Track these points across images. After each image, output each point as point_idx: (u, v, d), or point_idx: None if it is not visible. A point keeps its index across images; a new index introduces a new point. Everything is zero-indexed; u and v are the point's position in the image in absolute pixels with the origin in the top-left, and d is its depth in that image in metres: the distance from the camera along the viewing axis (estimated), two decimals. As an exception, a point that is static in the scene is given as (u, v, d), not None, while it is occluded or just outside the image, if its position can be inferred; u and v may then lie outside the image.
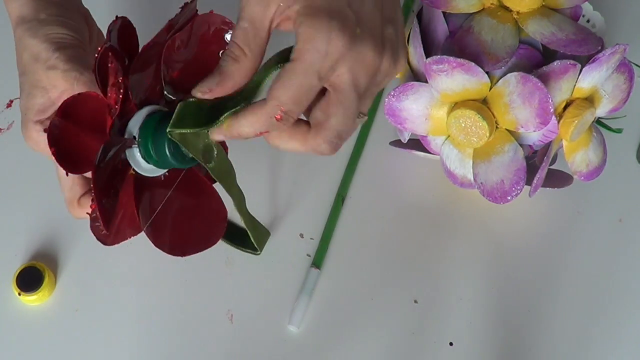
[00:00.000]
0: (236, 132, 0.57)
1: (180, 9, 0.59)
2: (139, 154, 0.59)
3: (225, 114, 0.56)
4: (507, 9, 0.69)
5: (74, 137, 0.58)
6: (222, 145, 0.65)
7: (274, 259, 0.75)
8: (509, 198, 0.69)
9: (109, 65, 0.56)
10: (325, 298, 0.74)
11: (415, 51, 0.71)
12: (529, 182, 0.70)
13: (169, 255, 0.75)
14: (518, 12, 0.69)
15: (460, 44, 0.68)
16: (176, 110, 0.56)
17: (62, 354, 0.72)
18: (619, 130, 0.78)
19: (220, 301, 0.74)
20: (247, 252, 0.72)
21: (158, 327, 0.73)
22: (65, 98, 0.59)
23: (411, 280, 0.75)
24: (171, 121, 0.56)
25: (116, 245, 0.75)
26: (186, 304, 0.74)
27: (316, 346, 0.73)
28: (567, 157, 0.71)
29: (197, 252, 0.63)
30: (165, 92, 0.60)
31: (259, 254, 0.72)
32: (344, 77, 0.55)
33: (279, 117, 0.55)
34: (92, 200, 0.56)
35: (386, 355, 0.72)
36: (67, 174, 0.59)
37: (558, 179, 0.75)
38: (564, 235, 0.77)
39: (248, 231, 0.69)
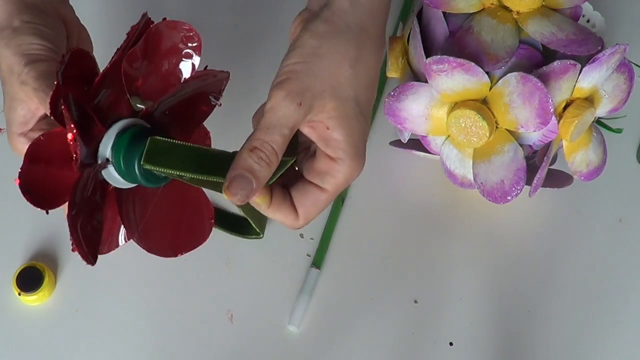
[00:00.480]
0: (260, 210, 0.60)
1: (135, 25, 0.60)
2: (115, 172, 0.59)
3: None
4: (507, 9, 0.69)
5: (46, 177, 0.58)
6: (204, 136, 0.66)
7: (274, 259, 0.75)
8: (509, 198, 0.69)
9: (63, 110, 0.55)
10: (325, 298, 0.74)
11: (415, 51, 0.71)
12: (529, 182, 0.70)
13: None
14: (518, 12, 0.69)
15: (460, 44, 0.68)
16: (147, 147, 0.56)
17: (62, 354, 0.72)
18: (619, 130, 0.78)
19: (220, 301, 0.74)
20: (250, 238, 0.73)
21: (158, 327, 0.73)
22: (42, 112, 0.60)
23: (411, 280, 0.75)
24: (143, 156, 0.56)
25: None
26: (186, 304, 0.74)
27: (316, 346, 0.73)
28: (567, 157, 0.71)
29: (189, 250, 0.63)
30: (133, 103, 0.60)
31: (262, 237, 0.74)
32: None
33: (303, 225, 0.61)
34: (72, 242, 0.57)
35: (386, 355, 0.72)
36: (46, 212, 0.59)
37: (558, 179, 0.75)
38: (564, 235, 0.77)
39: (247, 218, 0.69)
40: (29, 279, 0.72)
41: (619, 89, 0.71)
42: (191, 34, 0.62)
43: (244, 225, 0.73)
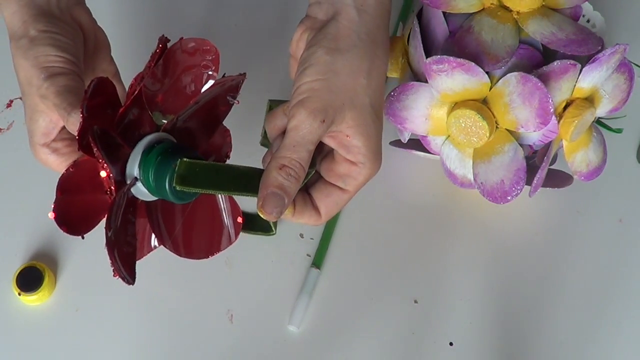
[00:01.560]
0: (286, 218, 0.62)
1: (154, 53, 0.60)
2: (144, 188, 0.60)
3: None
4: (507, 9, 0.69)
5: (78, 204, 0.60)
6: (224, 134, 0.67)
7: (274, 259, 0.75)
8: (509, 198, 0.69)
9: (91, 144, 0.56)
10: (325, 298, 0.74)
11: (415, 51, 0.71)
12: (529, 182, 0.70)
13: (169, 256, 0.75)
14: (518, 12, 0.69)
15: (460, 44, 0.68)
16: (177, 170, 0.58)
17: (62, 353, 0.72)
18: (619, 130, 0.78)
19: (220, 301, 0.74)
20: (262, 234, 0.75)
21: (158, 327, 0.73)
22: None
23: (411, 280, 0.75)
24: (175, 180, 0.58)
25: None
26: (186, 304, 0.74)
27: (316, 346, 0.73)
28: (567, 157, 0.71)
29: (221, 251, 0.65)
30: (155, 119, 0.61)
31: (274, 234, 0.75)
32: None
33: (314, 224, 0.63)
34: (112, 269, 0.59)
35: (386, 355, 0.72)
36: (82, 238, 0.61)
37: (558, 179, 0.75)
38: (564, 235, 0.77)
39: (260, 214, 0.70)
40: (29, 279, 0.72)
41: (619, 89, 0.71)
42: (207, 47, 0.63)
43: (258, 222, 0.74)
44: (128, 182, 0.59)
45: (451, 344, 0.73)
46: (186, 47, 0.62)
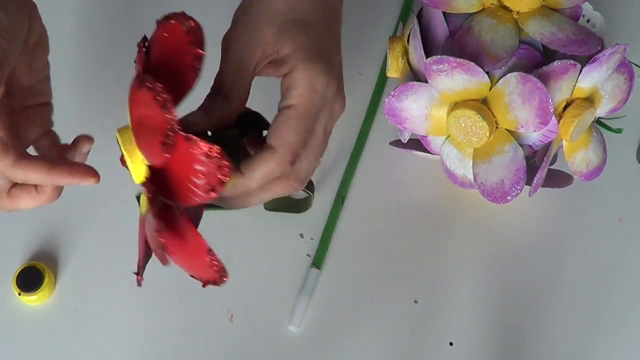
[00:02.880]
0: (241, 187, 0.57)
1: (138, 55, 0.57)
2: None
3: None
4: (507, 9, 0.69)
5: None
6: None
7: (274, 259, 0.75)
8: (509, 198, 0.69)
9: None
10: (325, 298, 0.74)
11: (415, 51, 0.71)
12: (529, 182, 0.70)
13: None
14: (518, 12, 0.69)
15: (460, 44, 0.68)
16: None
17: (62, 353, 0.72)
18: (619, 130, 0.78)
19: (220, 301, 0.74)
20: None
21: (158, 327, 0.73)
22: None
23: (411, 280, 0.75)
24: None
25: (116, 245, 0.75)
26: (186, 304, 0.74)
27: (316, 346, 0.73)
28: (567, 157, 0.71)
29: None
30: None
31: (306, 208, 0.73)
32: (332, 121, 0.59)
33: (291, 160, 0.56)
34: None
35: (386, 355, 0.72)
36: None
37: (558, 179, 0.75)
38: (564, 235, 0.77)
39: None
40: (29, 279, 0.72)
41: (619, 89, 0.71)
42: (189, 22, 0.56)
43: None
44: None
45: (451, 344, 0.73)
46: (168, 35, 0.57)
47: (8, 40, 0.54)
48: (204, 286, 0.57)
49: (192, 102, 0.56)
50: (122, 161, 0.57)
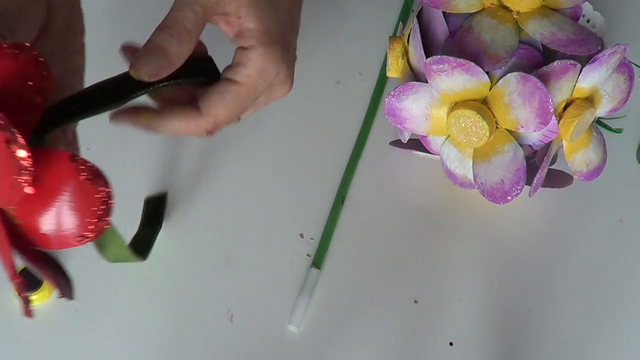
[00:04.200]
0: (155, 129, 0.56)
1: None
2: None
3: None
4: (507, 9, 0.69)
5: None
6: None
7: (274, 259, 0.75)
8: (509, 198, 0.69)
9: None
10: (325, 298, 0.74)
11: (415, 51, 0.71)
12: (529, 182, 0.70)
13: (169, 255, 0.75)
14: (518, 12, 0.69)
15: (460, 44, 0.68)
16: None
17: (62, 354, 0.72)
18: (619, 130, 0.78)
19: (220, 301, 0.74)
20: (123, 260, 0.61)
21: (158, 327, 0.73)
22: None
23: (411, 280, 0.75)
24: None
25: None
26: (186, 304, 0.74)
27: (316, 346, 0.73)
28: (567, 157, 0.71)
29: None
30: None
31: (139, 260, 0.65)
32: (266, 102, 0.59)
33: (209, 130, 0.56)
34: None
35: (386, 355, 0.72)
36: None
37: (558, 179, 0.75)
38: (564, 235, 0.77)
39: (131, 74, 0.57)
40: (29, 279, 0.72)
41: (619, 89, 0.71)
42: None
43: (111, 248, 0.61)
44: None
45: (451, 344, 0.73)
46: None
47: (9, 29, 0.50)
48: None
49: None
50: None
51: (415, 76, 0.72)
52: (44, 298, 0.73)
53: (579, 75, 0.67)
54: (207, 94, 0.56)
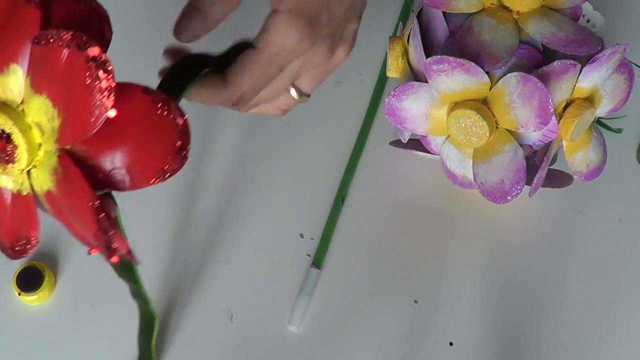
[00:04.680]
0: (185, 96, 0.55)
1: None
2: None
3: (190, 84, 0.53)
4: (507, 9, 0.69)
5: None
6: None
7: (274, 259, 0.75)
8: (509, 198, 0.69)
9: None
10: (325, 298, 0.74)
11: (415, 51, 0.71)
12: (529, 182, 0.70)
13: (169, 255, 0.75)
14: (518, 12, 0.69)
15: (460, 44, 0.68)
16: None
17: (62, 353, 0.72)
18: (619, 130, 0.78)
19: (220, 301, 0.74)
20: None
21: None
22: None
23: (411, 280, 0.75)
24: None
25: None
26: (186, 304, 0.74)
27: (316, 346, 0.73)
28: (567, 157, 0.71)
29: None
30: None
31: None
32: (293, 67, 0.56)
33: (235, 101, 0.55)
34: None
35: (386, 355, 0.72)
36: None
37: (558, 179, 0.75)
38: (564, 235, 0.77)
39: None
40: (29, 279, 0.72)
41: (619, 89, 0.71)
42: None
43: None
44: None
45: (451, 344, 0.73)
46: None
47: None
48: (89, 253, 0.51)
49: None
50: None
51: (415, 76, 0.72)
52: (44, 298, 0.73)
53: (579, 75, 0.67)
54: (233, 64, 0.55)
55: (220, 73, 0.56)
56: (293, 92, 0.60)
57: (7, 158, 0.47)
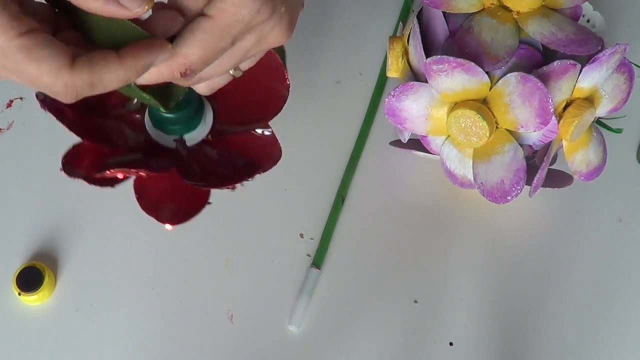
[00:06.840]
0: (123, 77, 0.49)
1: None
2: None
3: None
4: (507, 9, 0.69)
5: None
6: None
7: (274, 259, 0.75)
8: (509, 198, 0.69)
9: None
10: (325, 298, 0.74)
11: (415, 51, 0.71)
12: (529, 182, 0.70)
13: (169, 255, 0.75)
14: (518, 12, 0.69)
15: (460, 44, 0.68)
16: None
17: (62, 353, 0.72)
18: (619, 130, 0.78)
19: (220, 301, 0.74)
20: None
21: (158, 327, 0.73)
22: None
23: (411, 280, 0.75)
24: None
25: (116, 245, 0.75)
26: (186, 304, 0.74)
27: (316, 346, 0.73)
28: (567, 157, 0.71)
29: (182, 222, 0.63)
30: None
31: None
32: (246, 44, 0.52)
33: (183, 73, 0.50)
34: None
35: (386, 355, 0.72)
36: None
37: (558, 179, 0.75)
38: (564, 235, 0.77)
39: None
40: (29, 279, 0.72)
41: (619, 89, 0.71)
42: None
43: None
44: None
45: (451, 344, 0.73)
46: None
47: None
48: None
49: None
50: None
51: (415, 76, 0.72)
52: (44, 298, 0.73)
53: (579, 75, 0.67)
54: (181, 31, 0.50)
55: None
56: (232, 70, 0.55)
57: None
